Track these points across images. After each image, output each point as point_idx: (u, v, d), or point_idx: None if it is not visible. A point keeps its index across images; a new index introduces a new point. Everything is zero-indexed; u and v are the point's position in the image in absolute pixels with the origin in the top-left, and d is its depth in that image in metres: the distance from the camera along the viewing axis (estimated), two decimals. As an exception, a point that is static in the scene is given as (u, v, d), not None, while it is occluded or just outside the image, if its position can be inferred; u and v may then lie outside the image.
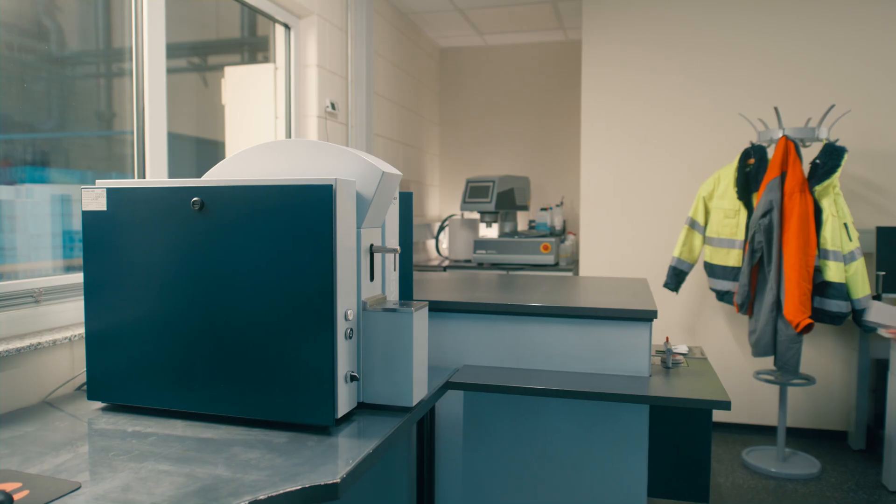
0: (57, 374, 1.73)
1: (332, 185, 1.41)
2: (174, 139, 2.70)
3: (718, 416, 3.99)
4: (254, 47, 3.24)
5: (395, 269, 1.78)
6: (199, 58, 3.01)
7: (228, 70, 3.12)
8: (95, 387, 1.59)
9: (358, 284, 1.57)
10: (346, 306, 1.49)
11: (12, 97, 1.91)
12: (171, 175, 2.32)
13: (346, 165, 1.56)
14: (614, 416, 2.14)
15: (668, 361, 2.26)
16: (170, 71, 2.73)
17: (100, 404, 1.63)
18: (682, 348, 2.49)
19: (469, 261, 4.72)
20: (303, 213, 1.42)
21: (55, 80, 2.09)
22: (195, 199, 1.47)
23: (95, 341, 1.58)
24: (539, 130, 5.39)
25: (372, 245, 1.63)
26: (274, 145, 1.62)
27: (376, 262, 1.67)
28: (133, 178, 2.20)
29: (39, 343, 1.64)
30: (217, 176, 1.67)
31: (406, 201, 1.93)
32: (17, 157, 1.98)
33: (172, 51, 2.71)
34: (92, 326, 1.58)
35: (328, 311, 1.42)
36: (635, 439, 2.16)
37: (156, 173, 2.20)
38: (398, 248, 1.68)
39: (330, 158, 1.57)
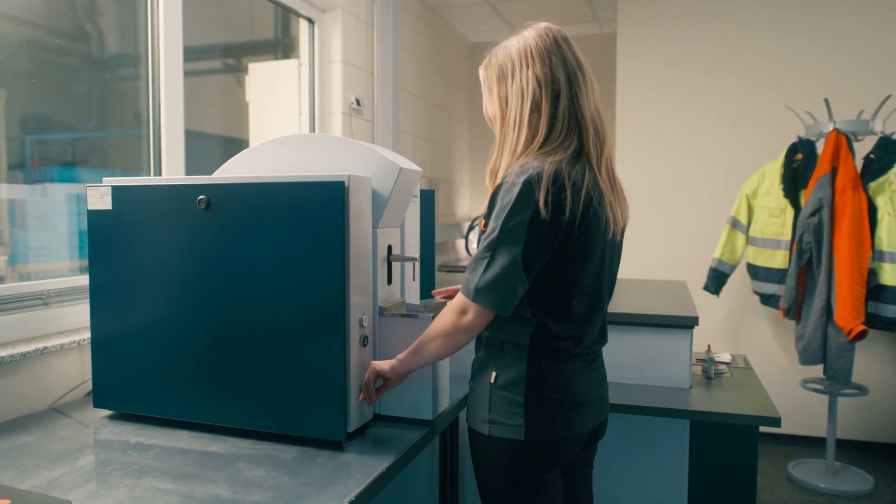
0: (65, 379, 1.67)
1: (343, 182, 1.31)
2: (203, 138, 2.65)
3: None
4: (287, 48, 3.17)
5: (414, 279, 1.66)
6: (234, 59, 2.97)
7: (252, 67, 3.06)
8: (101, 394, 1.53)
9: (374, 288, 1.47)
10: (360, 312, 1.39)
11: (52, 98, 1.88)
12: (195, 174, 2.24)
13: (362, 161, 1.46)
14: (653, 430, 2.00)
15: (710, 371, 2.11)
16: (202, 72, 2.69)
17: (106, 412, 1.56)
18: (725, 357, 2.33)
19: (499, 261, 4.58)
20: (313, 211, 1.32)
21: (95, 82, 2.06)
22: (201, 197, 1.39)
23: (101, 346, 1.51)
24: (572, 127, 5.21)
25: (389, 247, 1.53)
26: (286, 140, 1.53)
27: (394, 264, 1.56)
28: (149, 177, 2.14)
29: (46, 347, 1.57)
30: (227, 173, 1.58)
31: (427, 199, 1.83)
32: (50, 157, 1.95)
33: (205, 52, 2.67)
34: (98, 331, 1.51)
35: (339, 316, 1.32)
36: (675, 454, 2.01)
37: (172, 172, 2.14)
38: (417, 256, 1.57)
39: (344, 154, 1.47)
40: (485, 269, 1.23)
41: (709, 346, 2.25)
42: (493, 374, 1.33)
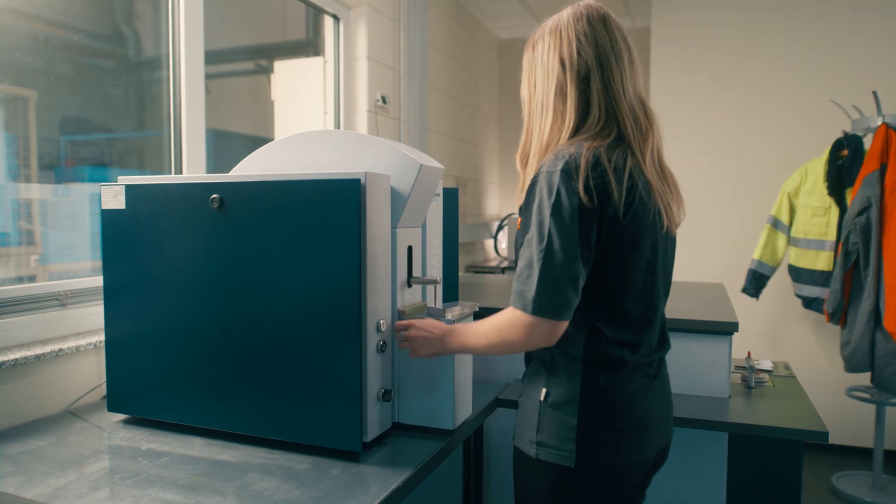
0: (81, 381, 1.64)
1: (360, 180, 1.24)
2: (232, 138, 2.62)
3: (804, 434, 3.60)
4: (317, 48, 3.14)
5: (436, 302, 1.58)
6: (266, 60, 2.95)
7: (278, 65, 3.02)
8: (115, 398, 1.49)
9: (393, 291, 1.40)
10: (377, 316, 1.32)
11: (83, 99, 1.87)
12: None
13: (381, 158, 1.40)
14: (689, 442, 1.89)
15: (750, 380, 1.99)
16: (231, 74, 2.67)
17: (121, 416, 1.53)
18: (766, 364, 2.21)
19: (528, 262, 4.48)
20: (328, 210, 1.26)
21: (127, 83, 2.05)
22: (214, 196, 1.34)
23: (115, 349, 1.48)
24: (604, 124, 5.08)
25: (410, 248, 1.46)
26: (303, 138, 1.47)
27: (415, 265, 1.49)
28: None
29: (62, 349, 1.55)
30: (242, 171, 1.54)
31: (451, 198, 1.75)
32: (83, 157, 1.94)
33: (234, 54, 2.66)
34: (112, 334, 1.48)
35: (355, 321, 1.26)
36: (713, 467, 1.90)
37: (193, 172, 2.10)
38: (438, 279, 1.50)
39: (362, 151, 1.41)
40: (539, 274, 1.11)
41: (748, 353, 2.13)
42: (544, 390, 1.23)
